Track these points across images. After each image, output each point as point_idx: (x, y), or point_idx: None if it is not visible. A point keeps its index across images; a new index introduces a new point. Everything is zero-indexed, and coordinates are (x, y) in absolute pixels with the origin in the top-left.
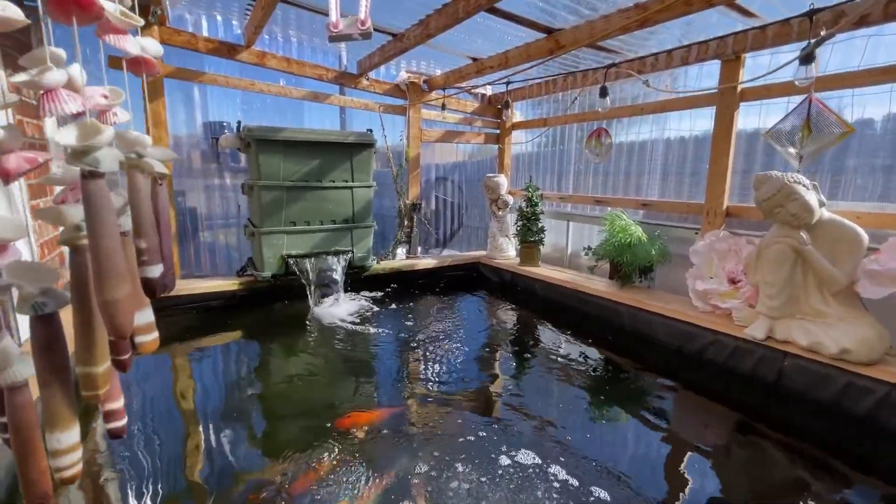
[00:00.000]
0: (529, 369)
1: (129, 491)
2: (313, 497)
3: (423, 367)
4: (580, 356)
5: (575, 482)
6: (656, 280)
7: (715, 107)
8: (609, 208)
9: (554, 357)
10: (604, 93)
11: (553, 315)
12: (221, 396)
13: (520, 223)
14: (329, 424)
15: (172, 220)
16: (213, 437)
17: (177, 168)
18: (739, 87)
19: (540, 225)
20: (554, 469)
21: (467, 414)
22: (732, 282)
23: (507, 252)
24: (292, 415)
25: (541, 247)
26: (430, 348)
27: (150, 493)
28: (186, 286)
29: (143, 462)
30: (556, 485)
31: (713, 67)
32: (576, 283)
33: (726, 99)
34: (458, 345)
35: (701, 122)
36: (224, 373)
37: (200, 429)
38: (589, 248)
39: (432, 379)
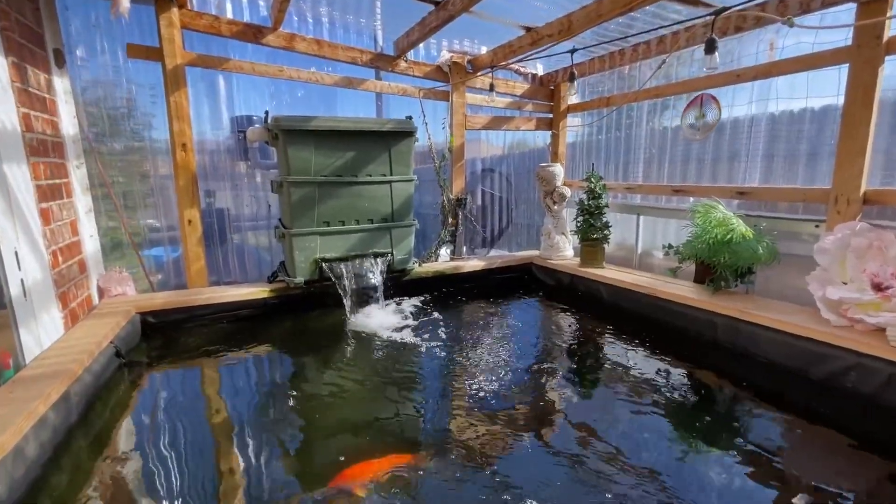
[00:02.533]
0: (599, 392)
1: None
2: None
3: (472, 387)
4: (661, 377)
5: None
6: (756, 284)
7: (848, 64)
8: (691, 199)
9: (629, 378)
10: (711, 47)
11: (623, 325)
12: (251, 414)
13: (580, 218)
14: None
15: (199, 222)
16: (242, 456)
17: (204, 167)
18: (887, 35)
19: (604, 220)
20: None
21: (527, 448)
22: (878, 288)
23: (565, 251)
24: (326, 437)
25: (605, 245)
26: (480, 365)
27: None
28: (215, 294)
29: (170, 481)
30: None
31: (837, 16)
32: (653, 288)
33: (866, 52)
34: (513, 360)
35: (823, 86)
36: (253, 389)
37: (229, 446)
38: (670, 247)
39: (482, 403)
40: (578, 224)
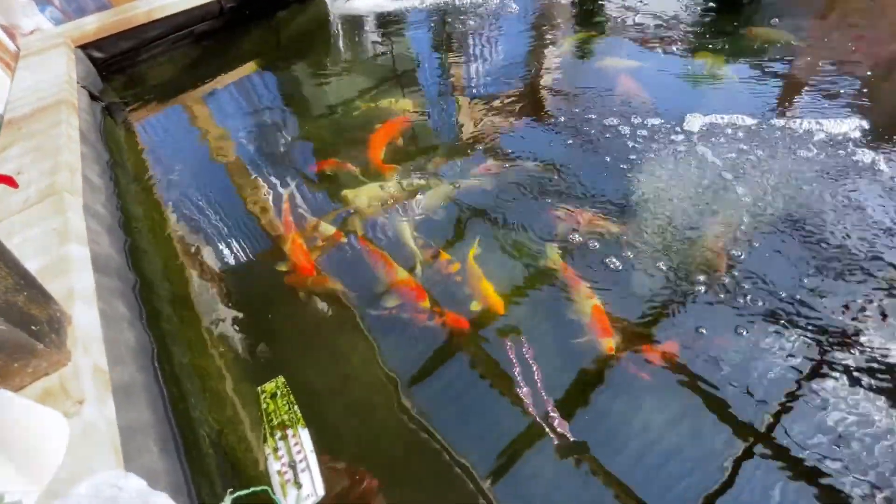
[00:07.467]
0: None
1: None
2: None
3: (477, 70)
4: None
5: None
6: None
7: None
8: None
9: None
10: None
11: None
12: (255, 134)
13: None
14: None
15: None
16: (260, 173)
17: None
18: None
19: None
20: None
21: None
22: None
23: None
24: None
25: None
26: (482, 40)
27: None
28: (156, 5)
29: (210, 220)
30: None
31: None
32: None
33: None
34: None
35: None
36: (247, 112)
37: (244, 168)
38: None
39: (485, 88)
40: None
